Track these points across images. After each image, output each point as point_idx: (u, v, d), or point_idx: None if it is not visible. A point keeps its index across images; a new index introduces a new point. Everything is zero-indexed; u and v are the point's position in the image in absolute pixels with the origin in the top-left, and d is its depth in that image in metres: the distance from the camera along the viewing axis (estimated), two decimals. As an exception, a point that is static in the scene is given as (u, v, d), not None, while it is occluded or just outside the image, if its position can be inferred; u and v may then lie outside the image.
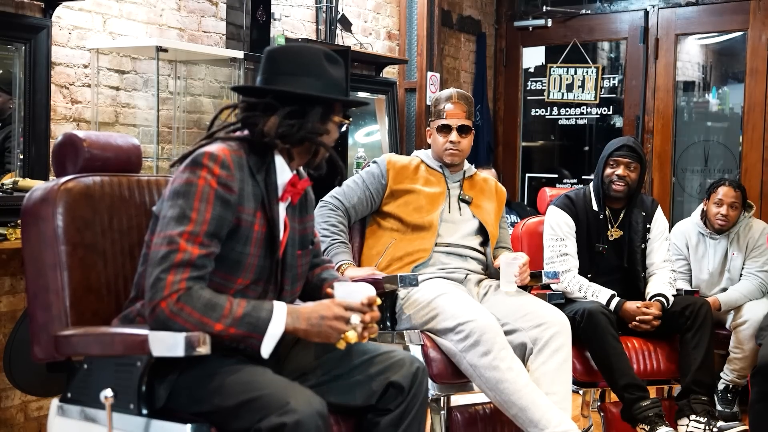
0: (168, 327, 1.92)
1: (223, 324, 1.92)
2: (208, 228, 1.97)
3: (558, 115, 6.53)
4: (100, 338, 2.01)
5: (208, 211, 1.97)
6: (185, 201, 1.98)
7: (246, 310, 1.96)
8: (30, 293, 2.18)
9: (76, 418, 2.12)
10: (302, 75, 2.14)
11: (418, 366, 2.19)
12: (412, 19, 5.69)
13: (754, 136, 5.70)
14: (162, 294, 1.91)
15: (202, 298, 1.92)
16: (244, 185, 2.05)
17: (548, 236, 3.69)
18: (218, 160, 2.01)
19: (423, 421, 2.21)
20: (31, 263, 2.17)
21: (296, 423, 1.83)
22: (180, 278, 1.92)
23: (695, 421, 3.39)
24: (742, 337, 4.19)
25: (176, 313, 1.91)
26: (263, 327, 1.96)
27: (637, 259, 3.71)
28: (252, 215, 2.07)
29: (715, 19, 5.92)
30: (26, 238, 2.18)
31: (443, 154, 3.26)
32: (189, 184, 1.99)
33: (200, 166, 2.00)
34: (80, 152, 2.23)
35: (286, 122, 2.10)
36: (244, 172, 2.06)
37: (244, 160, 2.07)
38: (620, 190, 3.66)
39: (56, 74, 3.60)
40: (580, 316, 3.36)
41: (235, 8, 4.26)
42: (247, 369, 2.00)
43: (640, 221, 3.73)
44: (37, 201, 2.17)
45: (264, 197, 2.09)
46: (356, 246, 3.28)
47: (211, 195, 1.98)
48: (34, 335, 2.15)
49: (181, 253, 1.93)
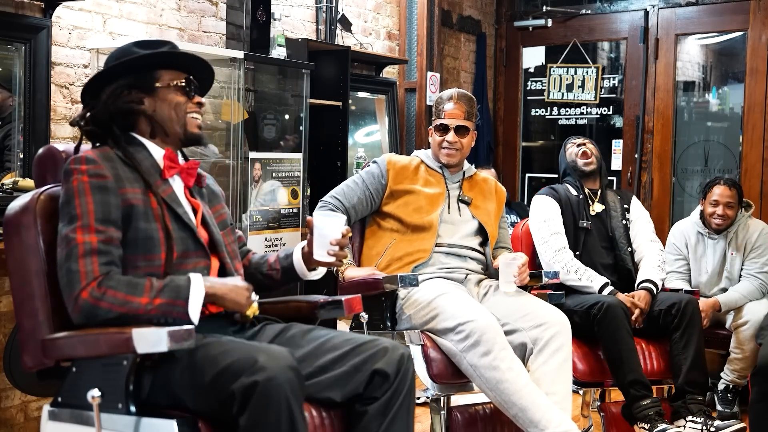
0: (94, 315, 1.98)
1: (148, 297, 2.00)
2: (96, 215, 2.05)
3: (558, 115, 6.53)
4: (85, 339, 2.02)
5: (90, 202, 2.05)
6: (68, 206, 2.07)
7: (165, 282, 2.04)
8: (16, 302, 2.20)
9: (67, 421, 2.13)
10: (110, 64, 2.24)
11: (403, 352, 2.19)
12: (412, 19, 5.69)
13: (754, 136, 5.70)
14: (80, 285, 1.99)
15: (122, 280, 2.01)
16: (119, 172, 2.12)
17: (537, 221, 3.76)
18: (82, 159, 2.10)
19: (412, 408, 2.19)
20: (16, 272, 2.20)
21: (267, 379, 1.85)
22: (91, 267, 2.00)
23: (692, 421, 3.39)
24: (743, 337, 4.19)
25: (99, 298, 1.98)
26: (185, 291, 2.02)
27: (621, 234, 3.79)
28: (142, 194, 2.13)
29: (715, 19, 5.92)
30: (9, 248, 2.21)
31: (440, 153, 3.27)
32: (66, 192, 2.09)
33: (70, 172, 2.10)
34: (59, 164, 2.27)
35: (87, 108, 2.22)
36: (115, 162, 2.13)
37: (111, 153, 2.15)
38: (588, 162, 3.86)
39: (56, 74, 3.60)
40: (598, 309, 3.37)
41: (235, 8, 4.26)
42: (213, 343, 2.01)
43: (617, 201, 3.89)
44: (18, 210, 2.21)
45: (144, 179, 2.15)
46: (356, 246, 3.28)
47: (87, 187, 2.07)
48: (23, 344, 2.18)
49: (80, 245, 2.01)
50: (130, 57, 2.20)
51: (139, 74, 2.21)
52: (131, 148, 2.19)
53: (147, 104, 2.21)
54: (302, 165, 4.41)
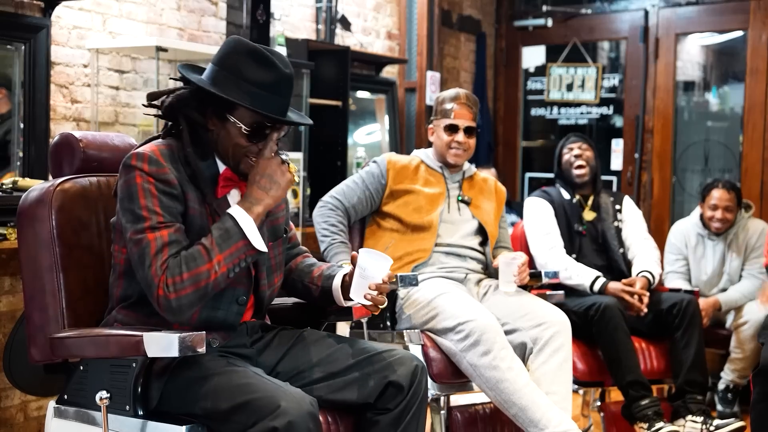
0: (180, 309, 1.94)
1: (211, 257, 1.95)
2: (164, 218, 1.99)
3: (558, 115, 6.52)
4: (95, 340, 2.00)
5: (156, 205, 1.99)
6: (131, 202, 2.00)
7: (214, 235, 1.98)
8: (27, 295, 2.17)
9: (72, 419, 2.12)
10: (216, 64, 2.10)
11: (417, 364, 2.18)
12: (412, 19, 5.69)
13: (754, 135, 5.70)
14: (155, 287, 1.94)
15: (178, 262, 1.95)
16: (182, 176, 2.05)
17: (530, 223, 3.78)
18: (145, 158, 2.01)
19: (423, 420, 2.20)
20: (28, 265, 2.17)
21: (287, 425, 1.84)
22: (161, 263, 1.94)
23: (692, 421, 3.40)
24: (743, 337, 4.19)
25: (172, 291, 1.93)
26: (239, 230, 1.99)
27: (613, 235, 3.80)
28: (199, 205, 2.07)
29: (715, 18, 5.92)
30: (23, 239, 2.18)
31: (447, 154, 3.26)
32: (128, 186, 2.01)
33: (131, 168, 2.02)
34: (77, 153, 2.23)
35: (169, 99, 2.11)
36: (178, 163, 2.06)
37: (176, 154, 2.07)
38: (582, 170, 3.83)
39: (56, 74, 3.60)
40: (595, 310, 3.38)
41: (235, 8, 4.26)
42: (238, 372, 1.99)
43: (609, 204, 3.88)
44: (33, 202, 2.16)
45: (201, 190, 2.08)
46: (356, 246, 3.27)
47: (153, 189, 2.00)
48: (31, 337, 2.15)
49: (152, 242, 1.96)
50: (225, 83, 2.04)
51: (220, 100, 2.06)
52: (200, 151, 2.09)
53: (214, 127, 2.10)
54: (302, 165, 4.41)
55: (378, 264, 2.14)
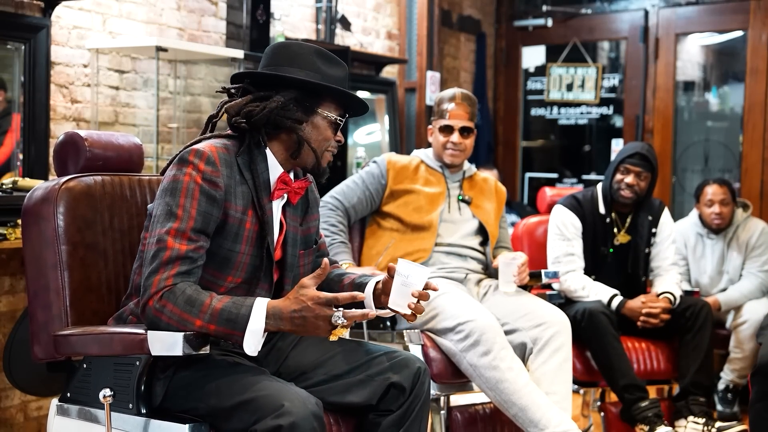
0: (156, 325, 1.93)
1: (202, 320, 1.91)
2: (195, 224, 1.97)
3: (558, 114, 6.53)
4: (99, 338, 2.00)
5: (194, 207, 1.97)
6: (171, 198, 1.99)
7: (225, 306, 1.92)
8: (30, 293, 2.17)
9: (75, 417, 2.12)
10: (285, 65, 2.11)
11: (420, 366, 2.18)
12: (412, 19, 5.69)
13: (754, 135, 5.70)
14: (150, 292, 1.93)
15: (183, 295, 1.92)
16: (232, 182, 2.04)
17: (554, 236, 3.67)
18: (204, 156, 2.01)
19: (425, 422, 2.20)
20: (32, 263, 2.17)
21: (291, 425, 1.83)
22: (167, 275, 1.92)
23: (693, 422, 3.40)
24: (743, 337, 4.19)
25: (159, 311, 1.91)
26: (242, 323, 1.91)
27: (640, 264, 3.70)
28: (241, 213, 2.05)
29: (715, 18, 5.92)
30: (27, 237, 2.18)
31: (443, 154, 3.26)
32: (175, 181, 2.00)
33: (186, 162, 2.01)
34: (82, 151, 2.24)
35: (251, 103, 2.09)
36: (232, 170, 2.05)
37: (233, 157, 2.06)
38: (628, 197, 3.64)
39: (56, 74, 3.60)
40: (581, 315, 3.36)
41: (235, 8, 4.26)
42: (243, 370, 2.00)
43: (647, 225, 3.71)
44: (38, 200, 2.17)
45: (254, 195, 2.08)
46: (356, 246, 3.28)
47: (196, 191, 1.98)
48: (34, 335, 2.15)
49: (168, 250, 1.94)
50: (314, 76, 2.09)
51: (308, 94, 2.10)
52: (252, 158, 2.10)
53: (303, 125, 2.11)
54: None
55: (419, 271, 2.12)
